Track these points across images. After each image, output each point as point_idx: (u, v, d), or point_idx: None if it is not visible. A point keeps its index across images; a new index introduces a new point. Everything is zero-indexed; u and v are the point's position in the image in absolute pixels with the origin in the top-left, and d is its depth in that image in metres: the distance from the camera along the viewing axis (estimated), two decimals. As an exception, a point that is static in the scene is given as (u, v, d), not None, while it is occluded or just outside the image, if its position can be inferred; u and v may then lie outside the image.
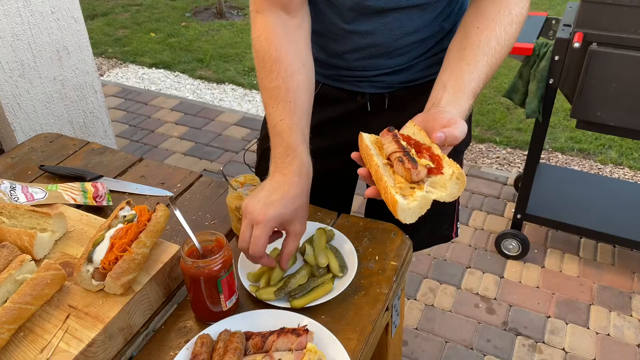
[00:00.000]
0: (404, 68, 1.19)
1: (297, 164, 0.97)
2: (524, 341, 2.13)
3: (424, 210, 0.79)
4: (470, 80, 0.95)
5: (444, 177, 0.80)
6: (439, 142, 0.85)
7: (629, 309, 2.25)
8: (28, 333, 0.90)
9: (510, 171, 3.16)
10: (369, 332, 0.96)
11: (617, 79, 1.87)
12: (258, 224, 0.92)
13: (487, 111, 3.70)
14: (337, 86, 1.25)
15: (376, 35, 1.12)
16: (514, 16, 1.00)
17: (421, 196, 0.78)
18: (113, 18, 5.47)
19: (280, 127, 1.00)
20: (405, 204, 0.77)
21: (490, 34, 0.98)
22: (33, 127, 2.11)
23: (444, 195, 0.80)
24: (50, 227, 1.06)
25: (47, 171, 1.37)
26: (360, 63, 1.18)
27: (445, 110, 0.91)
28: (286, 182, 0.96)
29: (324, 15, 1.14)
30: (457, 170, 0.79)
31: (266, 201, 0.94)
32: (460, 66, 0.97)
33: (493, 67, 0.98)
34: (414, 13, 1.10)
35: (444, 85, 0.96)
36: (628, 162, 3.18)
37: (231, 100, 4.06)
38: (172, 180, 1.36)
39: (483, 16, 1.00)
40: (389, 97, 1.24)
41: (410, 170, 0.80)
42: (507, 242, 2.49)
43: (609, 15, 1.81)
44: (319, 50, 1.19)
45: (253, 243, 0.93)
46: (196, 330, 0.97)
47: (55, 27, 2.09)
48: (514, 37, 1.01)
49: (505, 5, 1.00)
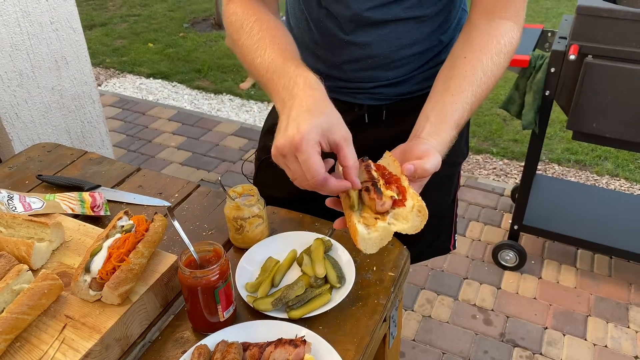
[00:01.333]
0: (402, 80, 1.19)
1: (304, 80, 0.88)
2: (522, 352, 2.13)
3: (385, 242, 0.80)
4: (453, 111, 0.95)
5: (405, 209, 0.80)
6: (408, 173, 0.84)
7: (626, 320, 2.25)
8: (24, 343, 0.89)
9: (507, 182, 3.17)
10: (367, 343, 0.96)
11: (612, 91, 1.89)
12: (299, 146, 0.78)
13: (484, 122, 3.72)
14: (334, 97, 1.25)
15: (374, 46, 1.13)
16: (502, 46, 0.99)
17: (382, 227, 0.79)
18: (111, 28, 5.50)
19: (273, 66, 0.93)
20: (365, 234, 0.78)
21: (477, 64, 0.97)
22: (31, 137, 2.11)
23: (406, 227, 0.80)
24: (47, 237, 1.06)
25: (45, 181, 1.37)
26: (358, 74, 1.19)
27: (424, 142, 0.91)
28: (302, 97, 0.85)
29: (323, 26, 1.15)
30: (418, 203, 0.79)
31: (294, 123, 0.80)
32: (444, 97, 0.96)
33: (479, 97, 0.97)
34: (411, 26, 1.11)
35: (427, 116, 0.96)
36: (624, 174, 3.19)
37: (229, 110, 4.07)
38: (169, 190, 1.36)
39: (471, 46, 1.00)
40: (386, 109, 1.24)
41: (375, 200, 0.80)
42: (504, 253, 2.49)
43: (604, 28, 1.82)
44: (317, 61, 1.20)
45: (307, 170, 0.78)
46: (193, 341, 0.97)
47: (54, 38, 2.09)
48: (503, 67, 1.00)
49: (493, 35, 0.99)
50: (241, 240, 1.15)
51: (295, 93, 0.86)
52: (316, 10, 1.14)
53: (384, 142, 1.07)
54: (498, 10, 1.01)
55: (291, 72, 0.89)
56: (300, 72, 0.89)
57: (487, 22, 1.01)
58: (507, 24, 1.00)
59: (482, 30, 1.01)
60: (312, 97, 0.85)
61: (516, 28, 1.01)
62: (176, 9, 5.91)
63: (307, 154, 0.77)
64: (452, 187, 1.42)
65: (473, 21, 1.03)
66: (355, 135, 1.26)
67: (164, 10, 5.90)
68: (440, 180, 1.37)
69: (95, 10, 5.96)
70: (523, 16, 1.04)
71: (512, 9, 1.01)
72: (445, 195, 1.41)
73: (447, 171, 1.37)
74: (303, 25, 1.19)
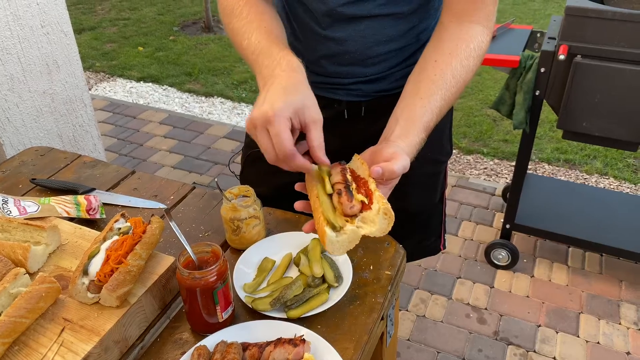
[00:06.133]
0: (380, 77, 1.21)
1: (286, 62, 0.92)
2: (515, 350, 2.14)
3: (352, 245, 0.80)
4: (422, 114, 0.96)
5: (372, 212, 0.80)
6: (376, 176, 0.85)
7: (617, 317, 2.27)
8: (23, 347, 0.89)
9: (498, 182, 3.20)
10: (365, 342, 0.96)
11: (601, 91, 1.91)
12: (271, 120, 0.82)
13: (475, 123, 3.75)
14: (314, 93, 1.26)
15: (350, 42, 1.14)
16: (471, 50, 1.01)
17: (351, 230, 0.79)
18: (100, 32, 5.47)
19: (260, 47, 0.97)
20: (333, 237, 0.78)
21: (446, 67, 0.99)
22: (22, 141, 2.09)
23: (374, 230, 0.80)
24: (44, 240, 1.05)
25: (39, 184, 1.36)
26: (335, 69, 1.20)
27: (392, 144, 0.92)
28: (282, 77, 0.89)
29: (301, 20, 1.17)
30: (384, 205, 0.80)
31: (269, 99, 0.84)
32: (414, 100, 0.98)
33: (448, 100, 0.99)
34: (387, 22, 1.12)
35: (396, 119, 0.97)
36: (613, 172, 3.23)
37: (220, 113, 4.06)
38: (165, 192, 1.36)
39: (441, 50, 1.01)
40: (365, 105, 1.25)
41: (344, 203, 0.81)
42: (496, 252, 2.51)
43: (593, 28, 1.85)
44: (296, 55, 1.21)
45: (276, 143, 0.82)
46: (192, 342, 0.97)
47: (45, 41, 2.08)
48: (472, 71, 1.02)
49: (463, 39, 1.01)
50: (238, 241, 1.15)
51: (276, 73, 0.90)
52: (295, 4, 1.17)
53: (364, 138, 1.08)
54: (468, 14, 1.02)
55: (275, 54, 0.94)
56: (284, 55, 0.94)
57: (457, 26, 1.02)
58: (477, 27, 1.02)
59: (452, 34, 1.02)
60: (291, 77, 0.89)
61: (486, 32, 1.03)
62: (165, 13, 5.90)
63: (278, 129, 0.81)
64: (438, 186, 1.43)
65: (444, 24, 1.05)
66: (335, 131, 1.27)
67: (153, 13, 5.88)
68: (424, 179, 1.38)
69: (85, 14, 5.93)
70: (493, 20, 1.05)
71: (482, 12, 1.02)
72: (430, 193, 1.42)
73: (431, 169, 1.38)
74: (284, 20, 1.21)
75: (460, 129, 3.69)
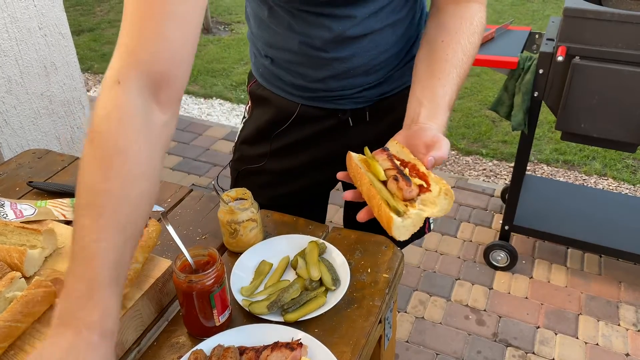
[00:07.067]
0: (382, 82, 1.21)
1: (100, 314, 0.69)
2: (514, 352, 2.14)
3: (416, 228, 0.82)
4: (444, 94, 0.97)
5: (432, 194, 0.83)
6: (430, 166, 0.87)
7: (616, 318, 2.27)
8: (18, 351, 0.88)
9: (497, 183, 3.19)
10: (363, 345, 0.96)
11: (600, 92, 1.91)
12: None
13: (473, 124, 3.75)
14: (317, 106, 1.26)
15: (355, 58, 1.14)
16: (475, 27, 1.03)
17: (415, 214, 0.81)
18: (99, 34, 5.47)
19: (91, 251, 0.70)
20: (400, 222, 0.80)
21: (456, 46, 1.00)
22: (20, 144, 2.09)
23: (435, 211, 0.82)
24: (40, 244, 1.05)
25: (36, 187, 1.36)
26: (339, 84, 1.20)
27: (427, 127, 0.93)
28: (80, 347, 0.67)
29: (304, 48, 1.13)
30: (444, 186, 0.82)
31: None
32: (432, 82, 0.99)
33: (462, 77, 1.01)
34: (387, 32, 1.13)
35: (419, 101, 0.97)
36: (612, 173, 3.23)
37: (219, 114, 4.06)
38: (162, 195, 1.36)
39: (446, 29, 1.03)
40: (369, 109, 1.25)
41: (404, 189, 0.82)
42: (495, 254, 2.51)
43: (591, 30, 1.85)
44: (296, 77, 1.20)
45: None
46: (189, 346, 0.97)
47: (43, 43, 2.08)
48: (477, 46, 1.04)
49: (465, 17, 1.03)
50: (235, 244, 1.15)
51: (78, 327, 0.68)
52: (291, 36, 1.12)
53: (367, 140, 1.09)
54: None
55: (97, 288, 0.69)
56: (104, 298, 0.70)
57: (455, 7, 1.05)
58: (475, 5, 1.05)
59: (453, 14, 1.04)
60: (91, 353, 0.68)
61: (482, 9, 1.06)
62: (164, 14, 5.89)
63: None
64: None
65: (441, 7, 1.06)
66: (339, 139, 1.27)
67: (152, 15, 5.87)
68: None
69: (83, 15, 5.92)
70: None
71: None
72: None
73: None
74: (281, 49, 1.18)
75: (459, 129, 3.69)
